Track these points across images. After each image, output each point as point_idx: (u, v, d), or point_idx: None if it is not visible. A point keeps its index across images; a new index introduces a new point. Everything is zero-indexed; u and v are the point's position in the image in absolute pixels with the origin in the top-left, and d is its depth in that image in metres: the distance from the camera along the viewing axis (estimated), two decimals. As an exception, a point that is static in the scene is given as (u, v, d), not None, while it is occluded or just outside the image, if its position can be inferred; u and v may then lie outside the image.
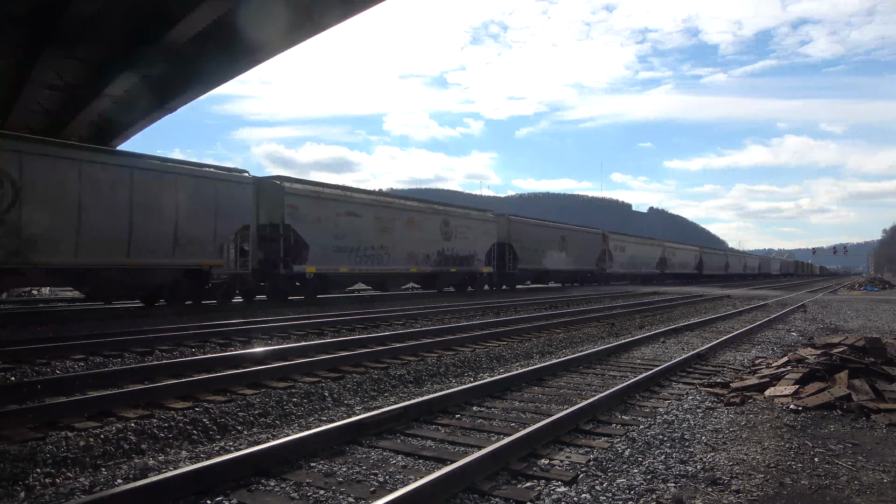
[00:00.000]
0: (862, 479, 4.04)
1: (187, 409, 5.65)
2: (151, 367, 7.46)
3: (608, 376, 7.70)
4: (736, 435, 5.04)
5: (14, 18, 12.63)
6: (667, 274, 50.89)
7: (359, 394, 6.70)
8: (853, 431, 5.18)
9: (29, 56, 13.97)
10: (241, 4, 12.07)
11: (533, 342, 10.86)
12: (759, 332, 13.17)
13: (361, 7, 12.44)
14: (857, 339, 7.90)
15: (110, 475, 3.99)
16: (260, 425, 5.50)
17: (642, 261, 47.20)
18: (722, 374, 7.87)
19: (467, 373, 8.13)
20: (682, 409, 5.91)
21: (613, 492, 3.75)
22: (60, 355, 8.34)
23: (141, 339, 9.64)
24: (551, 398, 6.42)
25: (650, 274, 48.50)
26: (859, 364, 6.74)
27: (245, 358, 8.25)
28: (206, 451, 4.64)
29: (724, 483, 3.91)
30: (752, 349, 10.31)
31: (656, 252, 50.30)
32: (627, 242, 46.02)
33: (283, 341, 10.31)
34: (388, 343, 9.98)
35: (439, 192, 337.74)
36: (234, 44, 13.93)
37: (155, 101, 17.78)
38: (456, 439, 4.89)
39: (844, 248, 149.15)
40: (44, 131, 18.43)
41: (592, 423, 5.35)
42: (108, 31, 13.44)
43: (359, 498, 3.65)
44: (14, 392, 6.01)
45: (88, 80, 16.08)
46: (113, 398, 5.78)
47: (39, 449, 4.39)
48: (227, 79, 16.53)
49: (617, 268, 42.48)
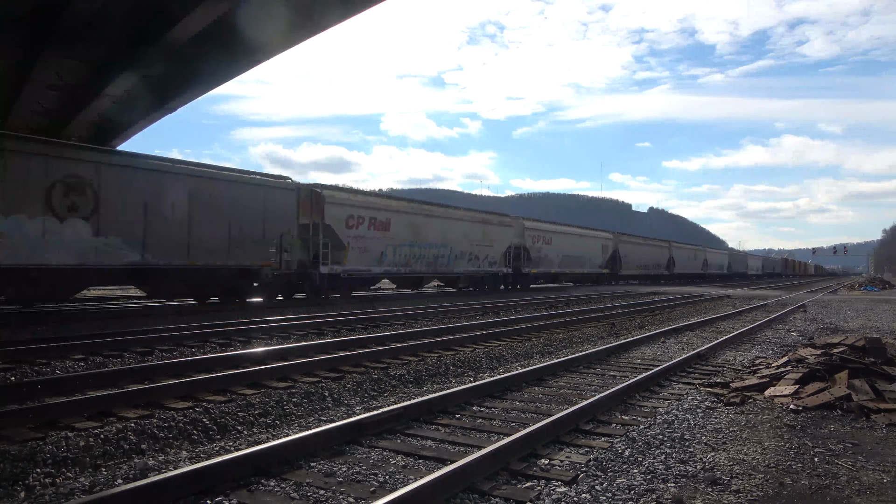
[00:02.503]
0: (862, 479, 4.04)
1: (187, 409, 5.65)
2: (151, 367, 7.46)
3: (608, 376, 7.70)
4: (736, 435, 5.04)
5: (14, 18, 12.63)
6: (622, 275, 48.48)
7: (359, 394, 6.70)
8: (853, 431, 5.18)
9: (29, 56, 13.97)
10: (241, 4, 12.06)
11: (533, 342, 10.86)
12: (759, 331, 13.17)
13: (361, 7, 12.43)
14: (857, 339, 7.90)
15: (110, 475, 3.99)
16: (260, 425, 5.50)
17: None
18: (722, 374, 7.87)
19: (467, 373, 8.13)
20: (682, 409, 5.91)
21: (613, 492, 3.75)
22: (60, 355, 8.34)
23: (141, 339, 9.64)
24: (551, 398, 6.42)
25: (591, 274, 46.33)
26: (859, 364, 6.74)
27: (245, 358, 8.25)
28: (206, 451, 4.63)
29: (724, 483, 3.91)
30: (752, 349, 10.32)
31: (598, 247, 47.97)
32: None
33: (283, 341, 10.31)
34: (388, 343, 9.98)
35: (438, 192, 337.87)
36: (234, 44, 13.92)
37: (155, 101, 17.77)
38: (456, 439, 4.89)
39: (844, 248, 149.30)
40: (44, 131, 18.44)
41: (592, 423, 5.35)
42: (108, 31, 13.43)
43: (359, 498, 3.65)
44: (14, 392, 6.01)
45: (88, 80, 16.08)
46: (113, 398, 5.78)
47: (39, 449, 4.39)
48: (227, 79, 16.53)
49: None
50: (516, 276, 30.91)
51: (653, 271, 49.60)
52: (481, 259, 27.53)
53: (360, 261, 20.97)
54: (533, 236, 32.10)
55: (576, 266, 36.92)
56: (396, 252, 22.54)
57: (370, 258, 21.44)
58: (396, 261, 22.65)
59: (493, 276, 28.99)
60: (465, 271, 26.87)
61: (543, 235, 33.22)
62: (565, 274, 36.36)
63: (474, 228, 27.13)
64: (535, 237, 32.27)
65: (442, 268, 25.42)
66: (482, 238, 27.56)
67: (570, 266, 36.27)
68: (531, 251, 31.63)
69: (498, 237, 28.85)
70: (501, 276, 29.74)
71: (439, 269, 25.33)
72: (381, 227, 21.92)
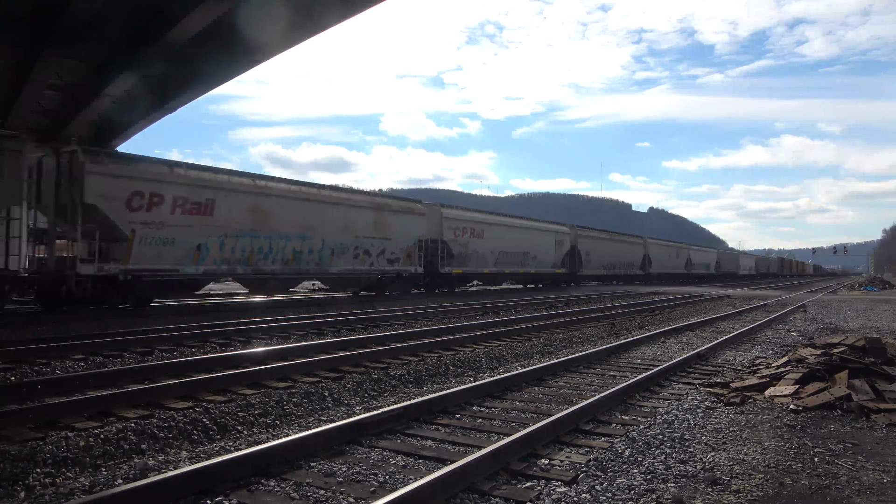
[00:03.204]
0: (862, 479, 4.04)
1: (187, 409, 5.65)
2: (151, 367, 7.46)
3: (608, 376, 7.70)
4: (736, 435, 5.04)
5: (14, 18, 12.63)
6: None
7: (359, 394, 6.70)
8: (853, 431, 5.18)
9: (29, 56, 13.96)
10: (241, 4, 12.06)
11: (533, 342, 10.86)
12: (759, 332, 13.17)
13: (361, 7, 12.43)
14: (857, 339, 7.90)
15: (110, 475, 3.99)
16: (260, 425, 5.50)
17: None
18: (722, 374, 7.87)
19: (467, 373, 8.13)
20: (682, 409, 5.91)
21: (613, 492, 3.75)
22: (60, 355, 8.34)
23: (141, 339, 9.64)
24: (551, 398, 6.42)
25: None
26: (859, 364, 6.74)
27: (245, 358, 8.25)
28: (206, 451, 4.63)
29: (724, 483, 3.91)
30: (752, 349, 10.31)
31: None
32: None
33: (283, 341, 10.31)
34: (388, 343, 9.98)
35: (438, 192, 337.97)
36: (234, 44, 13.92)
37: (155, 101, 17.77)
38: (456, 439, 4.89)
39: (844, 248, 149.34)
40: (44, 131, 18.45)
41: (592, 423, 5.35)
42: (108, 31, 13.43)
43: (359, 498, 3.65)
44: (14, 392, 6.01)
45: (88, 80, 16.08)
46: (113, 398, 5.78)
47: (39, 449, 4.39)
48: (227, 79, 16.53)
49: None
50: (433, 276, 25.27)
51: (622, 271, 43.88)
52: (374, 255, 21.85)
53: (159, 257, 15.30)
54: (455, 228, 26.34)
55: (518, 265, 31.20)
56: (227, 245, 16.87)
57: (177, 253, 15.79)
58: (229, 257, 17.02)
59: (394, 278, 23.19)
60: (346, 271, 21.01)
61: (471, 227, 27.38)
62: (505, 275, 30.93)
63: (361, 216, 21.41)
64: (458, 229, 26.53)
65: (308, 266, 19.44)
66: (375, 228, 21.89)
67: (511, 265, 30.59)
68: (453, 246, 25.90)
69: (400, 228, 23.06)
70: (408, 276, 23.72)
71: (304, 267, 19.34)
72: (198, 211, 16.11)
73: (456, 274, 26.47)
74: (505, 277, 31.78)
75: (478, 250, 27.77)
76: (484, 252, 28.25)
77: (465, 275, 27.74)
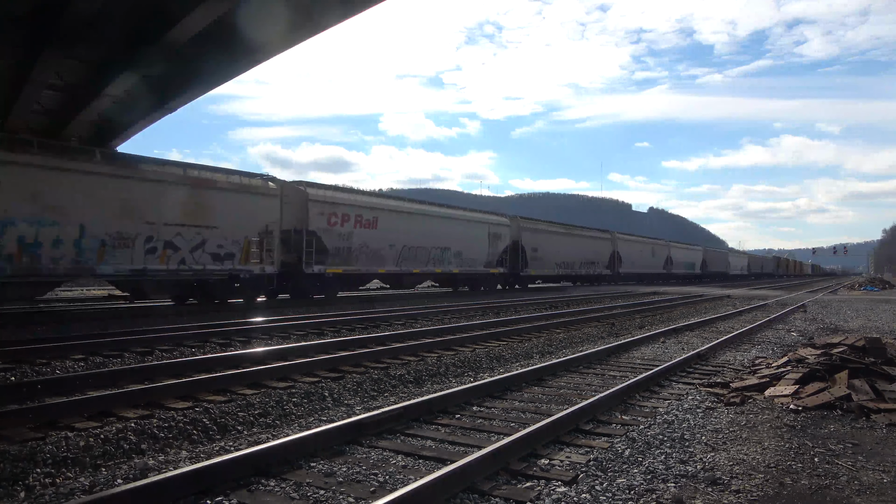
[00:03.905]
0: (862, 479, 4.04)
1: (187, 409, 5.65)
2: (151, 367, 7.46)
3: (608, 376, 7.70)
4: (736, 435, 5.04)
5: (14, 18, 12.61)
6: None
7: (359, 394, 6.70)
8: (853, 431, 5.18)
9: (29, 56, 13.95)
10: (241, 4, 12.05)
11: (533, 342, 10.86)
12: (759, 332, 13.17)
13: (361, 7, 12.41)
14: (857, 339, 7.90)
15: (110, 475, 3.99)
16: (260, 425, 5.50)
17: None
18: (722, 374, 7.87)
19: (467, 373, 8.13)
20: (682, 409, 5.91)
21: (613, 492, 3.75)
22: (60, 355, 8.34)
23: (141, 339, 9.64)
24: (551, 398, 6.42)
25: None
26: (859, 364, 6.74)
27: (245, 358, 8.25)
28: (206, 451, 4.63)
29: (724, 483, 3.91)
30: (752, 349, 10.31)
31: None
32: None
33: (283, 341, 10.31)
34: (388, 343, 9.98)
35: (438, 193, 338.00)
36: (234, 44, 13.91)
37: (155, 101, 17.74)
38: (456, 439, 4.89)
39: (844, 248, 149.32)
40: (44, 131, 18.43)
41: (592, 423, 5.35)
42: (108, 31, 13.42)
43: (359, 498, 3.65)
44: (14, 392, 6.01)
45: (88, 80, 16.06)
46: (113, 398, 5.78)
47: (39, 449, 4.39)
48: (227, 79, 16.50)
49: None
50: (295, 277, 19.05)
51: (584, 270, 37.56)
52: (185, 250, 15.55)
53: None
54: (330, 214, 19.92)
55: (433, 263, 24.67)
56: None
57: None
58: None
59: (226, 280, 16.83)
60: (123, 271, 14.45)
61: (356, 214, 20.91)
62: (413, 275, 24.11)
63: (168, 195, 15.41)
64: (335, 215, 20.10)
65: (64, 263, 13.35)
66: (193, 214, 15.77)
67: (420, 263, 23.95)
68: (325, 238, 19.61)
69: (232, 213, 16.67)
70: (250, 278, 17.19)
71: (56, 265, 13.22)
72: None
73: (333, 274, 20.12)
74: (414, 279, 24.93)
75: (368, 244, 21.39)
76: (377, 247, 21.85)
77: (346, 276, 20.97)
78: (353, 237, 20.88)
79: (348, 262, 20.76)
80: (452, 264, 26.05)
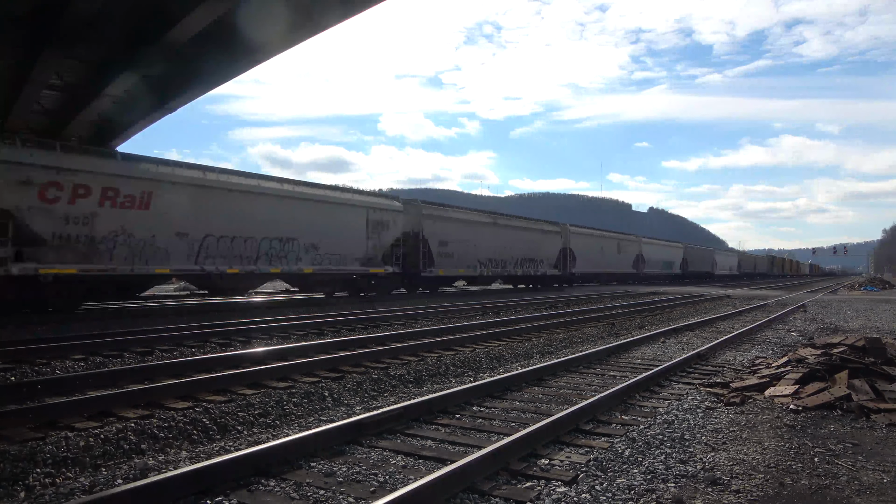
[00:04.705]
0: (862, 479, 4.04)
1: (187, 409, 5.65)
2: (151, 367, 7.46)
3: (608, 376, 7.70)
4: (736, 435, 5.04)
5: (14, 18, 12.63)
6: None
7: (359, 394, 6.70)
8: (853, 431, 5.18)
9: (29, 56, 13.97)
10: (241, 4, 12.06)
11: (533, 342, 10.86)
12: (759, 332, 13.17)
13: (361, 7, 12.42)
14: (857, 339, 7.90)
15: (110, 475, 3.99)
16: (260, 425, 5.50)
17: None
18: (722, 374, 7.87)
19: (467, 373, 8.13)
20: (682, 409, 5.91)
21: (613, 492, 3.75)
22: (60, 355, 8.34)
23: (141, 339, 9.65)
24: (551, 398, 6.42)
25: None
26: (859, 364, 6.74)
27: (245, 358, 8.25)
28: (206, 451, 4.63)
29: (724, 483, 3.91)
30: (752, 349, 10.31)
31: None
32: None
33: (283, 341, 10.31)
34: (388, 343, 9.98)
35: (438, 192, 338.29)
36: (234, 44, 13.92)
37: (155, 101, 17.76)
38: (456, 439, 4.89)
39: (844, 249, 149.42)
40: (44, 131, 18.45)
41: (592, 423, 5.35)
42: (108, 31, 13.43)
43: (359, 498, 3.65)
44: (14, 392, 6.01)
45: (88, 80, 16.08)
46: (113, 398, 5.78)
47: (39, 449, 4.39)
48: (227, 79, 16.52)
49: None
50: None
51: (520, 270, 30.93)
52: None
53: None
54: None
55: (276, 261, 18.09)
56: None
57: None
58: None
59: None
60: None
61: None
62: (236, 276, 17.00)
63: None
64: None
65: None
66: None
67: (239, 260, 16.97)
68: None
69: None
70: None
71: None
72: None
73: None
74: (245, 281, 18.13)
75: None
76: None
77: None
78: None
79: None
80: (303, 262, 18.86)
